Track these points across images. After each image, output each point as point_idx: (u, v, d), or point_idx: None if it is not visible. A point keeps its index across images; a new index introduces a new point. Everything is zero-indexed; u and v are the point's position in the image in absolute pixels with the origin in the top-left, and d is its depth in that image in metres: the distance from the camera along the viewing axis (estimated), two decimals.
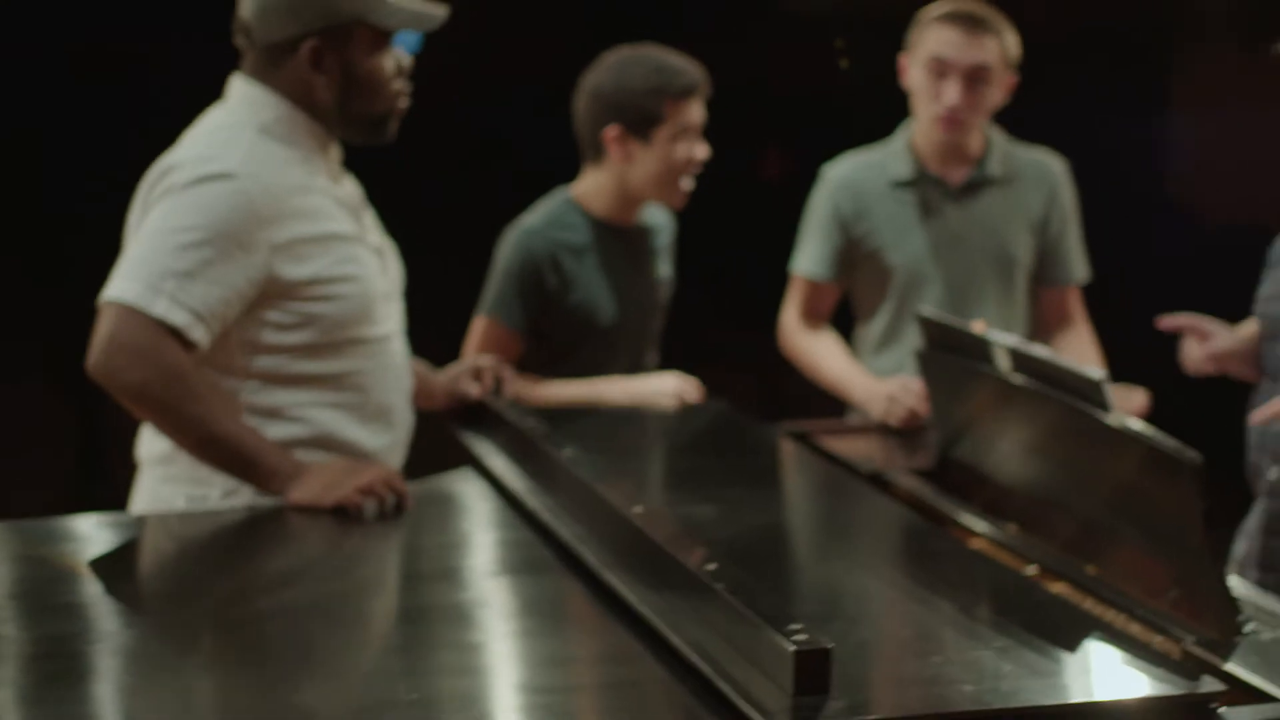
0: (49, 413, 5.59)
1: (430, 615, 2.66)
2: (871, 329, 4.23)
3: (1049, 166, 4.23)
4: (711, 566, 2.47)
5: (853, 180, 4.20)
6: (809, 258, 4.22)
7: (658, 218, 4.10)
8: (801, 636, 2.21)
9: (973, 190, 4.17)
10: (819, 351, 4.20)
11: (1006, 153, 4.20)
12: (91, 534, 3.05)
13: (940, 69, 4.02)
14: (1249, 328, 3.74)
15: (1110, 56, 5.96)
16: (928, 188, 4.16)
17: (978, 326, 3.26)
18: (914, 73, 4.10)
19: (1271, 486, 3.66)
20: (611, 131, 3.86)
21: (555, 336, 3.95)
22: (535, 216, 3.97)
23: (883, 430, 3.83)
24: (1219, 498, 2.74)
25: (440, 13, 3.25)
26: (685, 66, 3.86)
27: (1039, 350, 3.00)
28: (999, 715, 2.23)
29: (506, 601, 2.75)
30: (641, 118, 3.83)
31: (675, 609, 2.47)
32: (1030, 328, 4.23)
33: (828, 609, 2.62)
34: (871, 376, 4.02)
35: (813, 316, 4.25)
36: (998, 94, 4.08)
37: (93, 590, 2.74)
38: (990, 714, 2.23)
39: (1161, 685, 2.33)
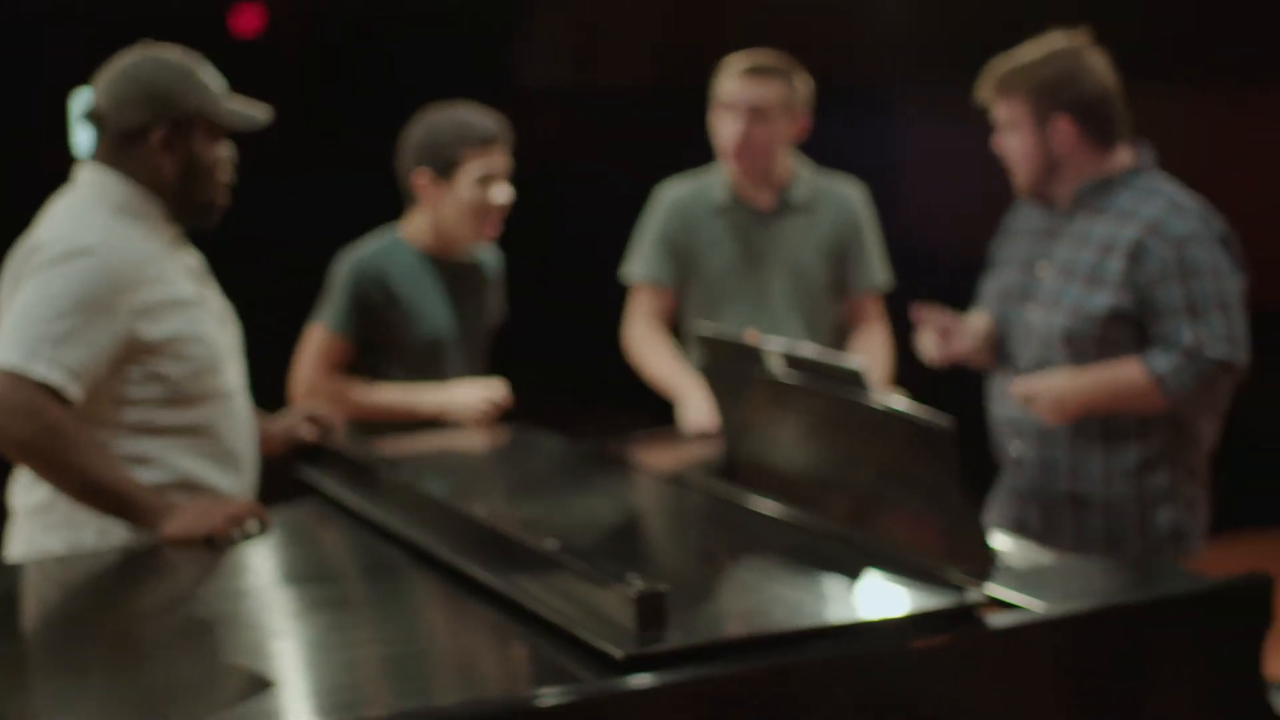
0: None
1: (309, 611, 3.04)
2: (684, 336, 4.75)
3: (846, 191, 4.79)
4: (553, 544, 2.90)
5: (681, 200, 4.74)
6: (647, 265, 4.74)
7: (486, 254, 4.56)
8: (639, 585, 2.65)
9: (777, 215, 4.71)
10: (656, 355, 4.69)
11: (809, 181, 4.75)
12: None
13: (725, 110, 4.60)
14: (979, 321, 4.27)
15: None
16: (740, 212, 4.71)
17: (750, 336, 3.73)
18: (712, 115, 4.66)
19: (1014, 462, 4.18)
20: (420, 176, 4.33)
21: (385, 350, 4.40)
22: (366, 244, 4.44)
23: (680, 441, 4.31)
24: (974, 470, 3.20)
25: (265, 115, 3.67)
26: (485, 119, 4.34)
27: (806, 350, 3.43)
28: (806, 634, 2.69)
29: (374, 594, 3.15)
30: (444, 163, 4.31)
31: (526, 584, 2.88)
32: (834, 333, 4.78)
33: (653, 570, 3.04)
34: (693, 384, 4.48)
35: (653, 321, 4.75)
36: (787, 130, 4.63)
37: None
38: (799, 633, 2.69)
39: (935, 601, 2.81)
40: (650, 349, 4.69)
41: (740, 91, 4.57)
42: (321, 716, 2.53)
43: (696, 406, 4.39)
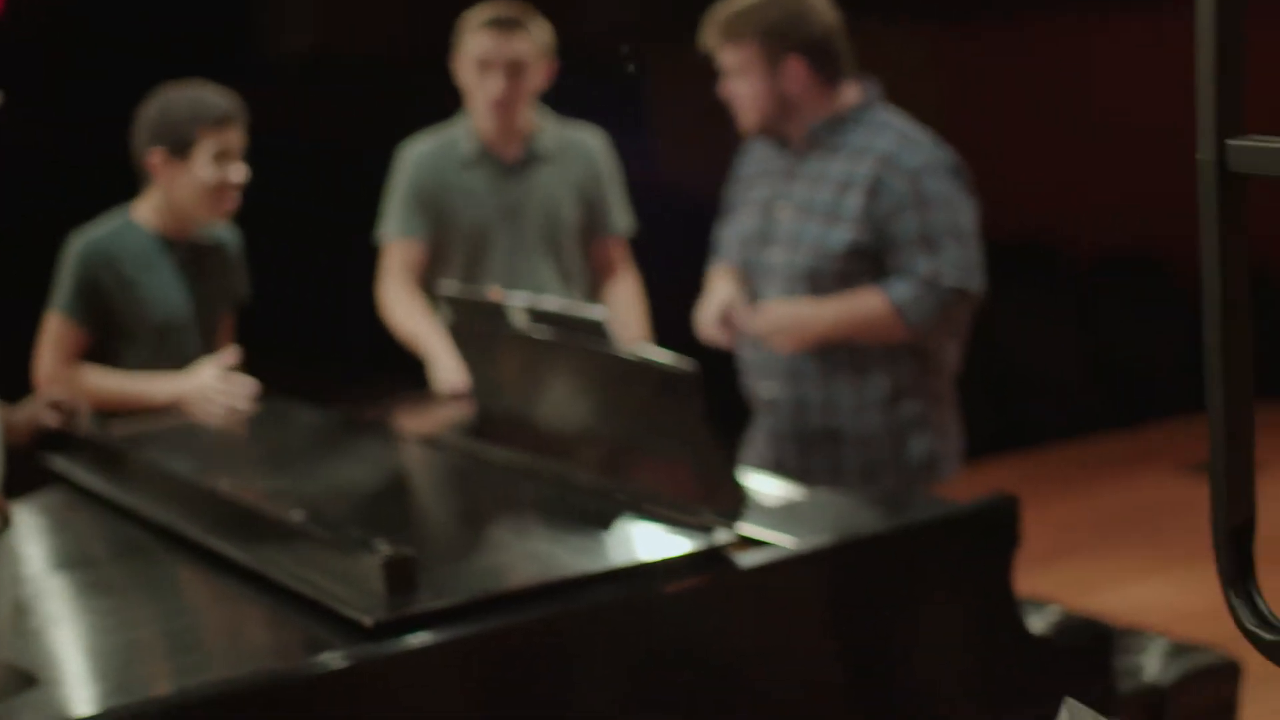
0: None
1: (59, 597, 2.99)
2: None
3: (589, 140, 4.82)
4: (299, 514, 2.87)
5: (429, 156, 4.72)
6: (399, 222, 4.71)
7: (224, 233, 4.49)
8: (387, 549, 2.63)
9: (526, 165, 4.72)
10: (408, 313, 4.64)
11: (553, 132, 4.77)
12: None
13: (484, 66, 4.58)
14: (727, 288, 4.28)
15: None
16: (489, 165, 4.70)
17: (494, 293, 3.72)
18: (463, 71, 4.65)
19: (767, 403, 4.22)
20: (154, 156, 4.25)
21: (119, 333, 4.30)
22: (96, 227, 4.34)
23: (438, 401, 4.29)
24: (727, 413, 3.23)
25: None
26: (220, 98, 4.27)
27: (550, 303, 3.44)
28: (557, 586, 2.70)
29: (130, 577, 3.10)
30: (179, 142, 4.23)
31: (275, 556, 2.86)
32: (586, 279, 4.80)
33: (405, 534, 3.04)
34: (442, 344, 4.44)
35: (407, 278, 4.71)
36: (537, 81, 4.65)
37: None
38: (549, 586, 2.70)
39: (687, 543, 2.83)
40: (403, 307, 4.66)
41: (497, 47, 4.58)
42: (73, 699, 2.49)
43: (447, 365, 4.37)
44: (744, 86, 4.12)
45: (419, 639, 2.54)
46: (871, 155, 4.03)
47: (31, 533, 3.37)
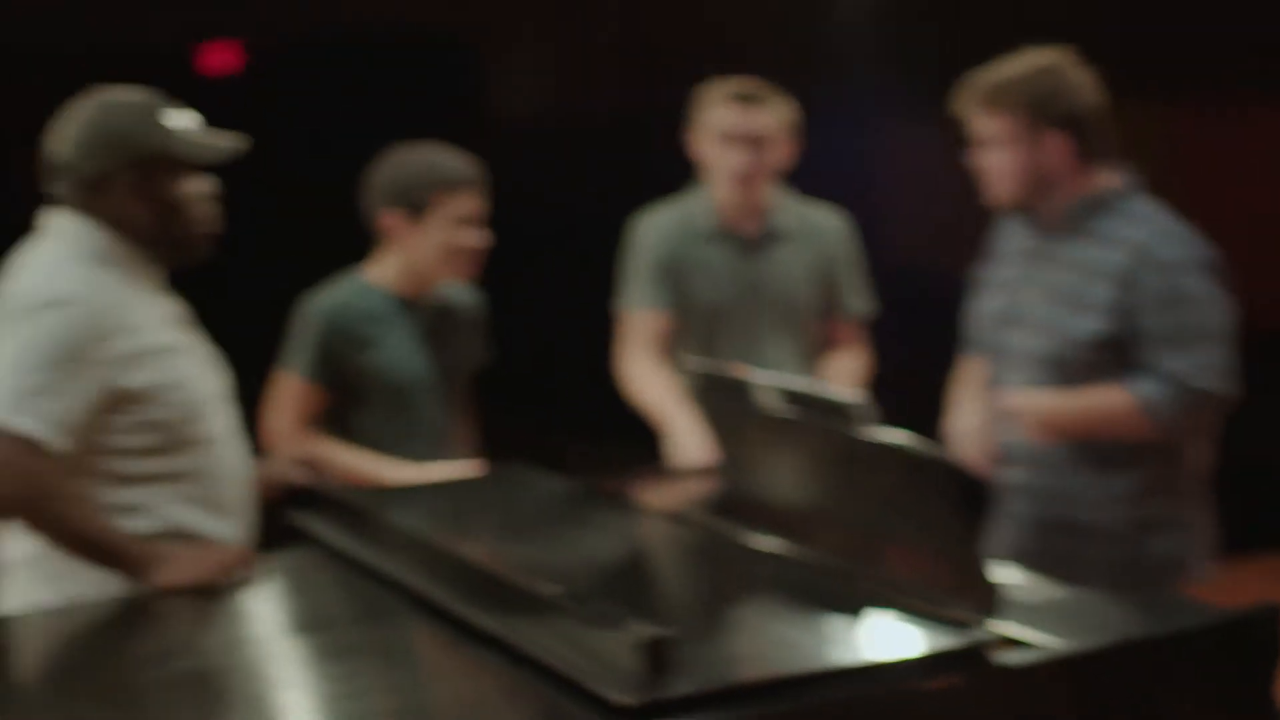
0: None
1: (307, 661, 3.00)
2: (675, 367, 4.70)
3: (829, 221, 4.81)
4: (555, 588, 2.85)
5: (667, 227, 4.74)
6: (643, 293, 4.72)
7: (463, 296, 4.50)
8: (645, 629, 2.60)
9: (765, 243, 4.71)
10: (652, 384, 4.64)
11: (793, 210, 4.77)
12: None
13: (726, 141, 4.59)
14: (977, 409, 4.22)
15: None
16: (728, 241, 4.70)
17: (742, 370, 3.69)
18: (703, 145, 4.66)
19: (1009, 488, 4.15)
20: (389, 217, 4.27)
21: (355, 395, 4.33)
22: (330, 289, 4.37)
23: (680, 474, 4.27)
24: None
25: (234, 144, 3.60)
26: (457, 161, 4.28)
27: (798, 383, 3.41)
28: (817, 677, 2.65)
29: (371, 642, 3.08)
30: (414, 204, 4.24)
31: (527, 629, 2.83)
32: (813, 358, 4.78)
33: (654, 612, 2.95)
34: (688, 421, 4.42)
35: (651, 348, 4.71)
36: (779, 157, 4.65)
37: None
38: (809, 676, 2.64)
39: (946, 640, 2.77)
40: (647, 378, 4.65)
41: (740, 121, 4.58)
42: None
43: (689, 439, 4.34)
44: (1000, 158, 4.04)
45: None
46: (1126, 245, 3.95)
47: (273, 591, 3.39)
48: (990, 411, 4.16)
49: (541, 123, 6.70)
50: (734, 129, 4.59)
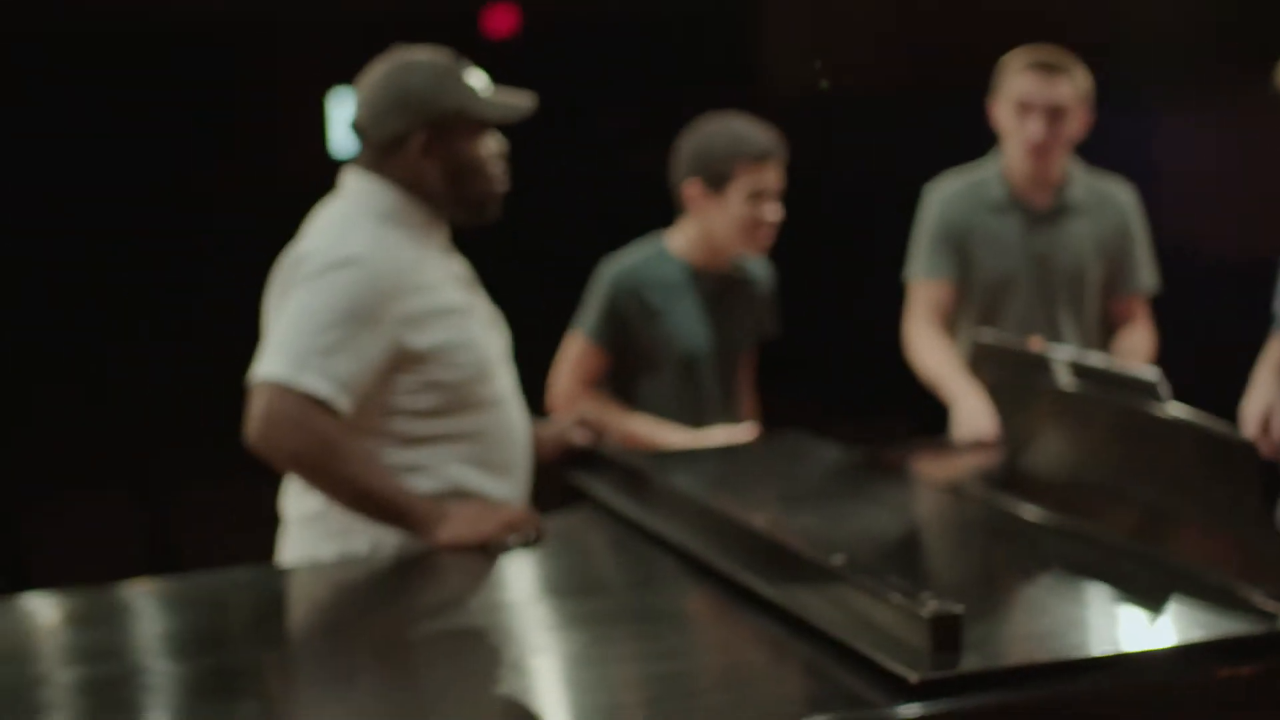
0: None
1: (576, 624, 2.99)
2: (957, 338, 4.64)
3: (1119, 194, 4.71)
4: (839, 558, 2.81)
5: (956, 197, 4.67)
6: (927, 263, 4.66)
7: (758, 270, 4.49)
8: (934, 604, 2.55)
9: (1055, 215, 4.63)
10: (936, 355, 4.58)
11: (1083, 182, 4.67)
12: (253, 582, 3.34)
13: (1024, 109, 4.50)
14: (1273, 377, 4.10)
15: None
16: (1018, 211, 4.62)
17: (1035, 344, 3.62)
18: (1001, 113, 4.58)
19: None
20: (691, 187, 4.27)
21: (640, 363, 4.34)
22: (627, 253, 4.40)
23: (956, 449, 4.20)
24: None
25: (528, 103, 3.60)
26: (760, 133, 4.27)
27: (1094, 359, 3.33)
28: (1107, 660, 2.57)
29: (647, 608, 3.07)
30: (716, 175, 4.24)
31: (807, 599, 2.79)
32: (1100, 333, 4.68)
33: (937, 587, 2.87)
34: (968, 387, 4.36)
35: (934, 318, 4.65)
36: (1075, 128, 4.55)
37: (268, 629, 3.09)
38: (1099, 660, 2.57)
39: (1243, 626, 2.67)
40: (931, 348, 4.59)
41: (1040, 90, 4.51)
42: None
43: (972, 411, 4.27)
44: None
45: (963, 702, 2.44)
46: None
47: (550, 552, 3.38)
48: None
49: (834, 93, 6.64)
50: (1031, 97, 4.50)
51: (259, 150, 6.24)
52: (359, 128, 3.56)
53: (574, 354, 4.38)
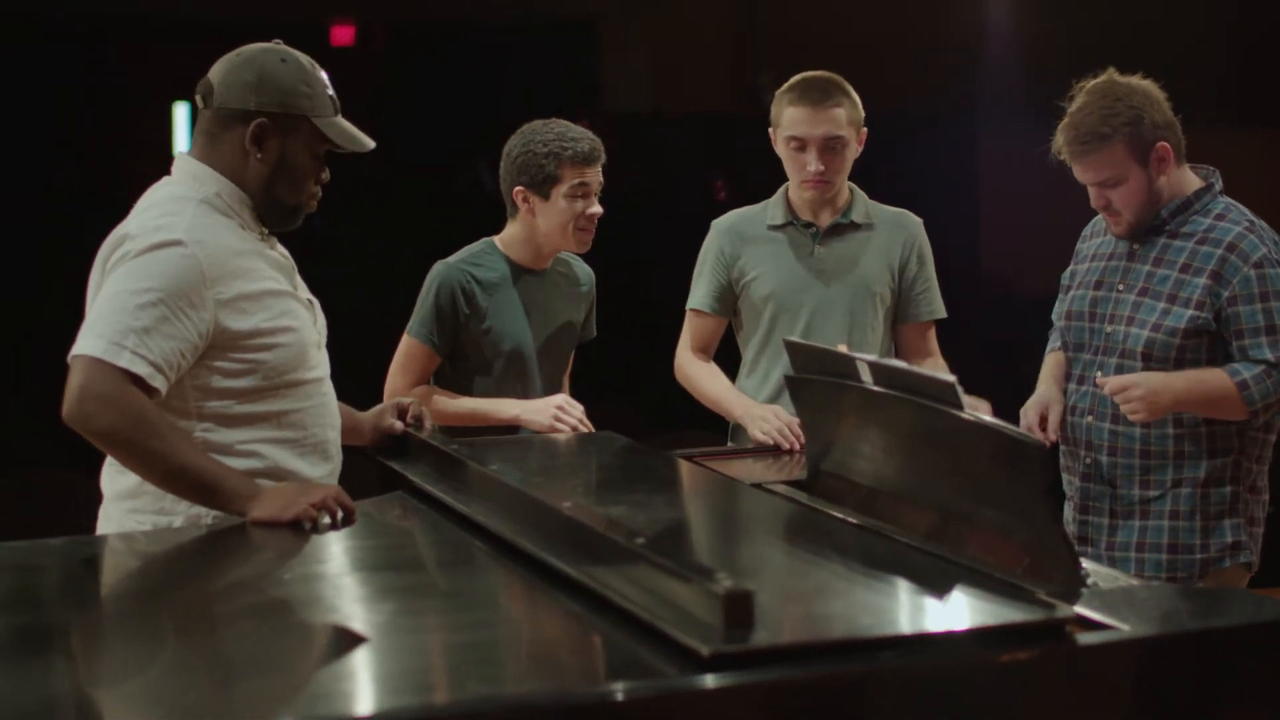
0: None
1: (386, 597, 3.06)
2: (745, 353, 4.73)
3: (907, 218, 4.78)
4: (640, 540, 2.89)
5: (734, 227, 4.75)
6: (697, 293, 4.76)
7: (580, 270, 4.59)
8: (728, 582, 2.63)
9: (837, 232, 4.69)
10: (704, 376, 4.71)
11: (868, 206, 4.75)
12: (65, 549, 3.37)
13: (799, 143, 4.58)
14: (1049, 390, 4.27)
15: None
16: (797, 230, 4.69)
17: (841, 348, 3.72)
18: (778, 145, 4.65)
19: (1085, 470, 4.19)
20: (519, 190, 4.37)
21: (470, 359, 4.44)
22: (457, 255, 4.49)
23: (759, 452, 4.32)
24: None
25: (370, 144, 3.66)
26: (583, 136, 4.38)
27: (896, 363, 3.44)
28: (894, 641, 2.66)
29: (456, 585, 3.15)
30: (543, 178, 4.35)
31: (608, 577, 2.85)
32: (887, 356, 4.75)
33: (735, 570, 3.00)
34: (748, 399, 4.51)
35: (701, 347, 4.77)
36: (852, 153, 4.64)
37: (80, 593, 3.15)
38: (886, 640, 2.66)
39: (1024, 614, 2.79)
40: (699, 374, 4.74)
41: (812, 123, 4.56)
42: (389, 698, 2.53)
43: (764, 414, 4.39)
44: (1121, 191, 4.09)
45: (753, 676, 2.52)
46: (1217, 241, 4.07)
47: (362, 531, 3.44)
48: (1065, 398, 4.23)
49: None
50: (806, 131, 4.57)
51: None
52: (207, 90, 3.59)
53: (405, 354, 4.48)
